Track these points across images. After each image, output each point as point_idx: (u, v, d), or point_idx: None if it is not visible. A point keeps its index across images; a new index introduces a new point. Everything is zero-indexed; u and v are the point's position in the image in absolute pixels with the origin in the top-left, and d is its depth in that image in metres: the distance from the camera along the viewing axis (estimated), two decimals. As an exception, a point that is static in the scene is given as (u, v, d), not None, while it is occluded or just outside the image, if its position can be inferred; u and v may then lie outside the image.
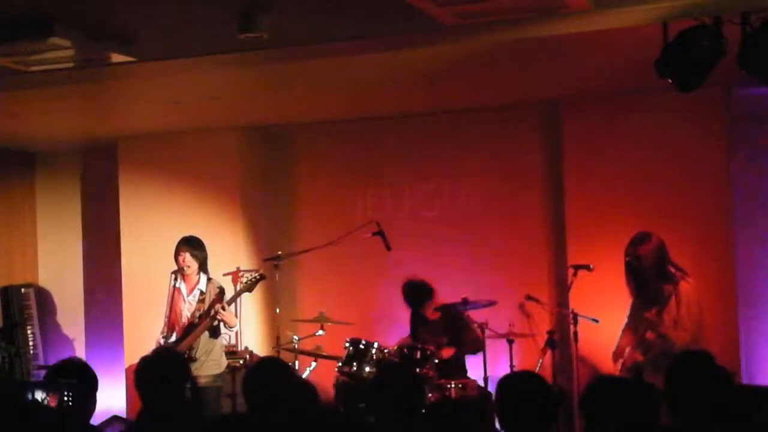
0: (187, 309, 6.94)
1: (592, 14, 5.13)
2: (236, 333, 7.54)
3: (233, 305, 7.07)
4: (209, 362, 6.90)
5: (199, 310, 6.89)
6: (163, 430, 3.76)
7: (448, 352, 7.15)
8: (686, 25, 4.96)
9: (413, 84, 6.89)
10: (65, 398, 3.84)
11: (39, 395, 3.83)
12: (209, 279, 7.04)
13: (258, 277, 7.00)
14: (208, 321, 6.81)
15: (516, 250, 8.03)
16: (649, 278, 6.29)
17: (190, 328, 6.86)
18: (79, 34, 5.21)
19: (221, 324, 6.90)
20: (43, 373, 8.36)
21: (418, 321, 7.43)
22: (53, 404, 3.83)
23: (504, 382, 3.87)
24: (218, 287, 7.00)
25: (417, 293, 7.43)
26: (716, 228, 7.23)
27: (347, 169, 8.58)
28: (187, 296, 6.97)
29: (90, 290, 9.53)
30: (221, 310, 6.76)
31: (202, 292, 6.95)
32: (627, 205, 7.37)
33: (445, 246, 8.14)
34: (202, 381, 6.84)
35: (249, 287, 6.99)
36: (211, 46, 5.74)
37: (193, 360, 6.77)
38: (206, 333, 6.86)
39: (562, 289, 7.56)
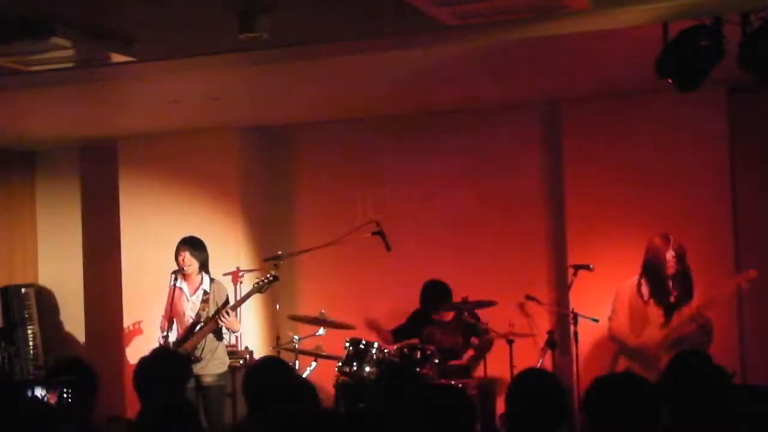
0: (191, 309, 6.96)
1: (592, 14, 5.12)
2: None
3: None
4: (214, 361, 6.93)
5: (204, 310, 6.91)
6: (163, 430, 3.76)
7: (468, 355, 7.19)
8: (686, 25, 4.96)
9: (413, 84, 6.89)
10: (65, 396, 3.85)
11: (39, 392, 3.85)
12: (212, 280, 7.05)
13: (271, 278, 6.99)
14: (212, 324, 6.84)
15: (516, 250, 8.03)
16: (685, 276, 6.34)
17: (194, 328, 6.88)
18: (79, 34, 5.21)
19: (224, 328, 6.93)
20: (43, 373, 8.39)
21: (428, 322, 7.42)
22: (53, 401, 3.85)
23: (517, 380, 3.86)
24: (224, 293, 7.03)
25: (437, 293, 7.41)
26: (717, 228, 7.23)
27: (347, 169, 8.58)
28: (191, 296, 6.98)
29: (90, 290, 9.53)
30: (225, 316, 6.79)
31: (206, 292, 6.96)
32: (627, 205, 7.37)
33: (445, 246, 8.14)
34: (207, 380, 6.89)
35: (260, 288, 6.98)
36: (211, 46, 5.74)
37: (198, 360, 6.80)
38: (211, 334, 6.89)
39: (562, 289, 7.57)
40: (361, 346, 6.82)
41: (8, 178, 9.52)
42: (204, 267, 7.03)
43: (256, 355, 7.86)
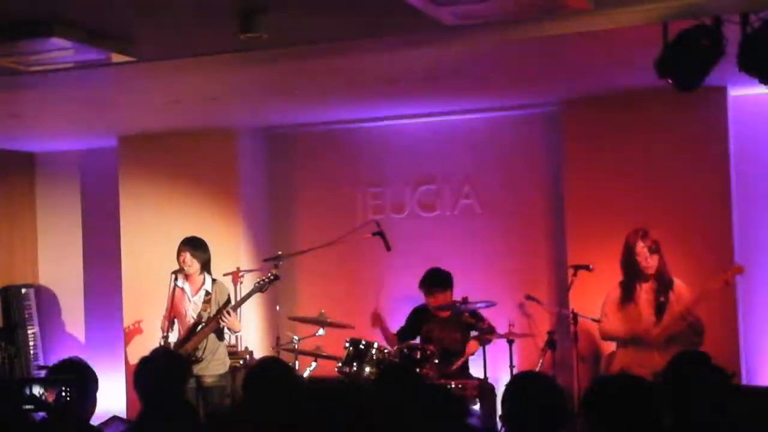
0: (192, 309, 6.96)
1: (592, 14, 5.12)
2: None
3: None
4: (215, 362, 6.94)
5: (206, 310, 6.91)
6: (163, 430, 3.76)
7: (473, 347, 7.17)
8: (686, 25, 4.96)
9: (413, 84, 6.89)
10: (63, 395, 3.86)
11: (37, 391, 3.85)
12: (214, 280, 7.05)
13: (272, 278, 7.00)
14: (214, 324, 6.84)
15: (516, 250, 8.03)
16: (663, 267, 6.35)
17: (196, 329, 6.88)
18: (79, 34, 5.21)
19: (225, 328, 6.93)
20: (43, 373, 8.39)
21: (426, 320, 7.42)
22: (51, 399, 3.85)
23: (514, 383, 3.83)
24: (226, 293, 7.03)
25: (432, 277, 7.41)
26: (716, 228, 7.23)
27: (347, 169, 8.58)
28: (192, 296, 6.98)
29: (90, 290, 9.53)
30: (227, 315, 6.79)
31: (207, 293, 6.96)
32: (627, 205, 7.36)
33: (445, 246, 8.14)
34: (208, 381, 6.89)
35: (261, 287, 6.99)
36: (211, 46, 5.74)
37: (199, 360, 6.80)
38: (212, 334, 6.90)
39: (562, 289, 7.57)
40: (361, 347, 6.83)
41: (8, 178, 9.52)
42: (206, 267, 7.03)
43: (256, 356, 7.87)
